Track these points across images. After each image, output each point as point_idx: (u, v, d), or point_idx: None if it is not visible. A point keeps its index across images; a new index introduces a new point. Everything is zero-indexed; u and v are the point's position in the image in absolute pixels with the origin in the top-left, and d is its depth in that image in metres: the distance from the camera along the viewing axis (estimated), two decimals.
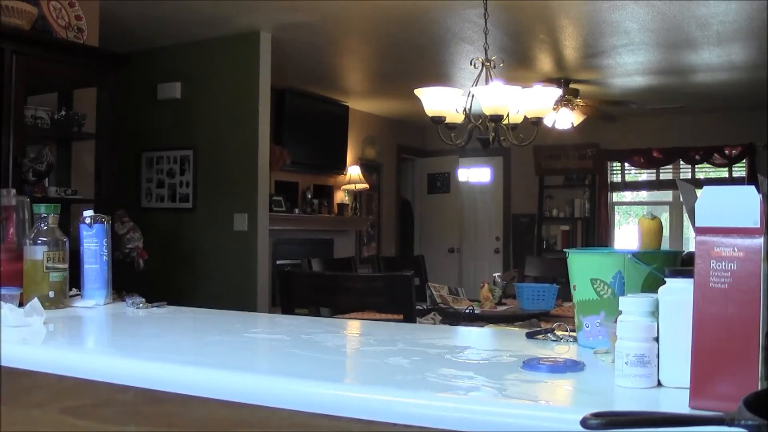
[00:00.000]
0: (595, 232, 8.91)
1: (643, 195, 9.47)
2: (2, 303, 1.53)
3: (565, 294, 4.03)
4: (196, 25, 5.10)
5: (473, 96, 4.04)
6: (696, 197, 0.98)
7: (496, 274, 4.74)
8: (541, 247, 9.14)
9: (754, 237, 0.91)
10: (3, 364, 1.35)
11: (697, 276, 0.94)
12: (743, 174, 8.25)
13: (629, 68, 6.35)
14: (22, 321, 1.42)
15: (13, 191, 2.01)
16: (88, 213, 1.85)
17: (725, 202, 0.94)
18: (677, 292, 1.04)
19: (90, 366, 1.27)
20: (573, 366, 1.19)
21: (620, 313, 1.09)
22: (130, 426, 1.25)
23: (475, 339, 1.59)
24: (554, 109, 6.17)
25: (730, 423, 0.72)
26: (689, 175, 8.58)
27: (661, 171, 8.81)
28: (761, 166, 7.95)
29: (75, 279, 1.84)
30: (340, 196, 7.98)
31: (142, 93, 5.73)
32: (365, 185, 8.03)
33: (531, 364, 1.19)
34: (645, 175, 9.07)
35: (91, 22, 3.75)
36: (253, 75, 5.39)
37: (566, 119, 6.50)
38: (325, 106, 7.63)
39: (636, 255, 1.31)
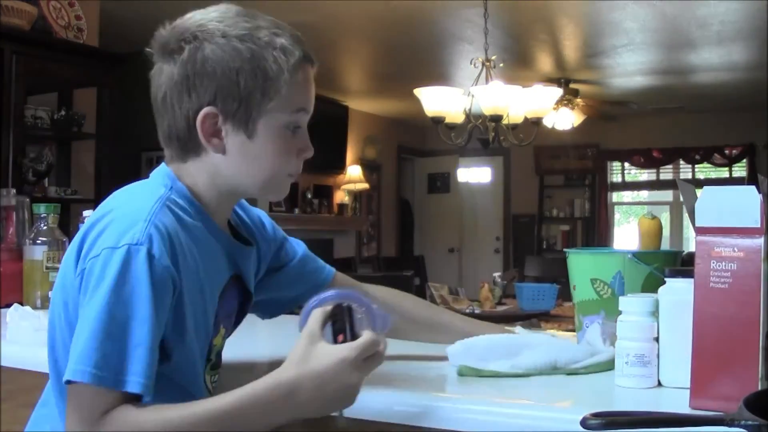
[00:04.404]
0: (595, 232, 8.91)
1: (643, 195, 9.46)
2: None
3: (565, 294, 4.03)
4: None
5: (473, 96, 4.04)
6: (696, 197, 0.98)
7: (496, 274, 4.75)
8: (541, 247, 9.14)
9: (754, 237, 0.91)
10: (3, 364, 1.35)
11: (697, 276, 0.94)
12: (743, 174, 8.24)
13: (629, 68, 6.35)
14: (32, 319, 1.41)
15: (13, 191, 2.01)
16: (88, 213, 1.84)
17: (725, 202, 0.94)
18: (677, 292, 1.04)
19: None
20: None
21: (620, 313, 1.09)
22: None
23: None
24: (554, 109, 6.17)
25: (730, 423, 0.72)
26: (689, 175, 8.58)
27: (661, 171, 8.81)
28: (761, 166, 7.94)
29: None
30: (340, 196, 7.98)
31: (142, 93, 5.70)
32: (365, 185, 8.03)
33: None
34: (645, 175, 9.07)
35: (91, 22, 3.75)
36: None
37: (566, 119, 6.49)
38: (325, 106, 7.59)
39: (636, 255, 1.31)
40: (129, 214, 0.91)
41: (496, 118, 3.87)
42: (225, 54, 0.94)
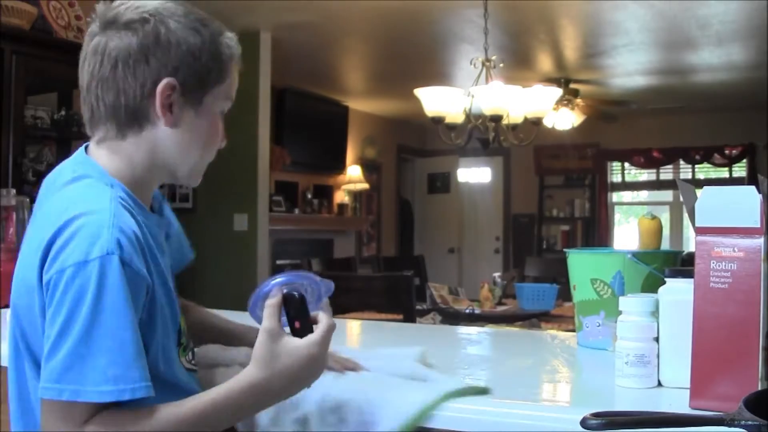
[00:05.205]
0: (595, 232, 8.91)
1: (643, 195, 9.46)
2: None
3: (565, 294, 4.03)
4: None
5: (473, 96, 4.04)
6: (696, 197, 0.98)
7: (496, 274, 4.74)
8: (541, 247, 9.14)
9: (754, 237, 0.91)
10: (3, 364, 1.35)
11: (697, 276, 0.94)
12: (743, 174, 8.25)
13: (629, 68, 6.35)
14: None
15: (13, 191, 2.01)
16: None
17: (725, 202, 0.94)
18: (677, 292, 1.04)
19: None
20: None
21: (620, 313, 1.09)
22: None
23: (475, 339, 1.59)
24: (554, 109, 6.17)
25: (730, 423, 0.72)
26: (689, 175, 8.58)
27: (661, 171, 8.81)
28: (761, 166, 7.94)
29: None
30: (340, 196, 7.98)
31: None
32: (365, 185, 8.03)
33: None
34: (645, 175, 9.07)
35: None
36: (253, 75, 5.39)
37: (566, 119, 6.49)
38: (325, 106, 7.62)
39: (636, 255, 1.31)
40: (92, 222, 0.88)
41: (496, 118, 3.87)
42: (189, 31, 0.97)
